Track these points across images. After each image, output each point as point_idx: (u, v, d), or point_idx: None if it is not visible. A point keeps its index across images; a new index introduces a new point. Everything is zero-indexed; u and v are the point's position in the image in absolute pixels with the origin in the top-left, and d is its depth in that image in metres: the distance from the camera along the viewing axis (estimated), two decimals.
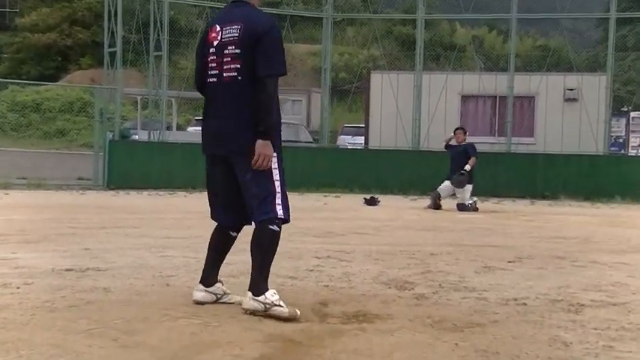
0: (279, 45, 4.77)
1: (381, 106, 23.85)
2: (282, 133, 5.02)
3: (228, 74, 4.77)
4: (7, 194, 16.10)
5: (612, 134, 25.15)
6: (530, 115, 23.55)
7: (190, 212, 12.44)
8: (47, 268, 6.27)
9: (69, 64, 51.09)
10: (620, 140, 30.03)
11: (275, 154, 4.78)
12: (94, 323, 4.31)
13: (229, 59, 4.76)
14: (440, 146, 17.61)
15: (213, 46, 4.86)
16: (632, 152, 28.70)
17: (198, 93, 5.18)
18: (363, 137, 25.68)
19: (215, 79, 4.86)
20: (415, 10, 24.26)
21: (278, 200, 4.80)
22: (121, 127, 21.98)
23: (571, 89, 23.25)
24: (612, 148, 25.31)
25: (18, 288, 5.37)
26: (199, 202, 15.39)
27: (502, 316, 4.96)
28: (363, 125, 26.06)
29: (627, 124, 32.09)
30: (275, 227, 4.74)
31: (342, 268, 6.85)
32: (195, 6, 30.32)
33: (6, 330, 4.17)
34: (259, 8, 5.05)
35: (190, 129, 32.42)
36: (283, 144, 5.08)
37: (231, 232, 5.11)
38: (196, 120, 35.07)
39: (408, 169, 20.31)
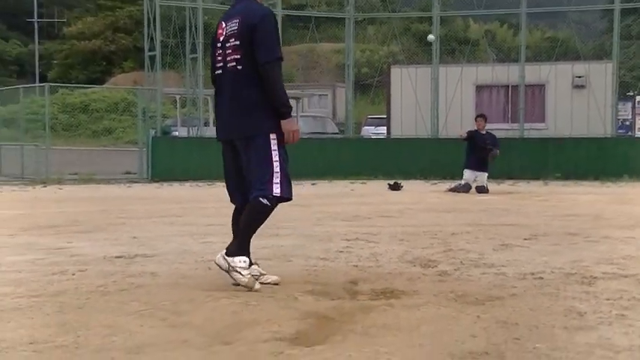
0: (271, 32, 4.83)
1: (401, 98, 23.80)
2: (310, 125, 5.03)
3: (231, 65, 4.90)
4: (60, 189, 16.28)
5: (619, 118, 24.90)
6: (541, 102, 23.40)
7: (227, 201, 12.47)
8: (99, 256, 6.33)
9: (113, 67, 51.65)
10: (627, 123, 29.71)
11: (275, 137, 4.85)
12: (144, 305, 4.35)
13: (230, 51, 4.89)
14: (457, 133, 17.52)
15: (219, 41, 5.01)
16: (638, 134, 28.51)
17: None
18: (385, 127, 25.65)
19: (221, 71, 5.02)
20: (431, 8, 24.15)
21: (276, 180, 4.83)
22: (162, 125, 22.15)
23: (579, 77, 23.09)
24: (619, 131, 25.05)
25: (73, 274, 5.43)
26: None
27: (520, 289, 4.94)
28: (385, 116, 26.02)
29: (633, 108, 31.81)
30: (265, 201, 4.79)
31: (370, 249, 6.85)
32: (221, 10, 30.47)
33: (63, 313, 4.21)
34: (259, 1, 5.11)
35: None
36: (312, 135, 5.13)
37: None
38: None
39: (428, 155, 20.26)
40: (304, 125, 29.28)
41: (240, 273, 4.70)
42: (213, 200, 13.06)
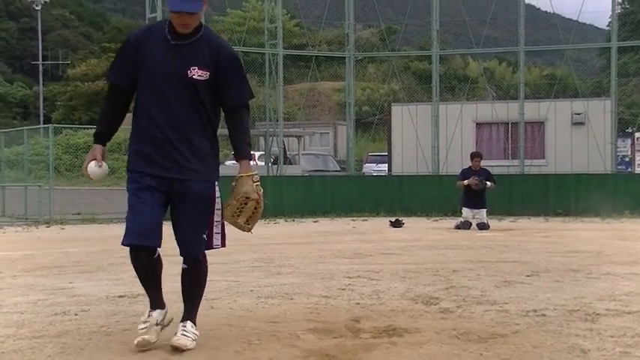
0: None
1: (402, 136, 23.89)
2: (312, 162, 4.99)
3: None
4: (63, 229, 16.26)
5: (618, 154, 24.96)
6: (541, 138, 23.47)
7: (230, 239, 12.46)
8: (102, 296, 6.31)
9: None
10: (627, 159, 29.79)
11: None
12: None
13: None
14: (456, 171, 17.55)
15: None
16: (638, 170, 28.56)
17: None
18: (386, 164, 25.72)
19: None
20: (430, 47, 24.30)
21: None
22: None
23: (578, 114, 23.22)
24: (619, 167, 25.09)
25: (76, 315, 5.41)
26: (236, 230, 15.46)
27: (522, 326, 4.92)
28: (386, 153, 26.10)
29: (632, 144, 31.95)
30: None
31: (372, 287, 6.82)
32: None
33: (65, 354, 4.20)
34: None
35: (228, 162, 32.66)
36: (315, 173, 5.03)
37: None
38: (233, 155, 35.37)
39: (429, 192, 20.24)
40: (306, 163, 29.42)
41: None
42: None
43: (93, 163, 4.44)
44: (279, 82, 22.33)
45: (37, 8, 57.45)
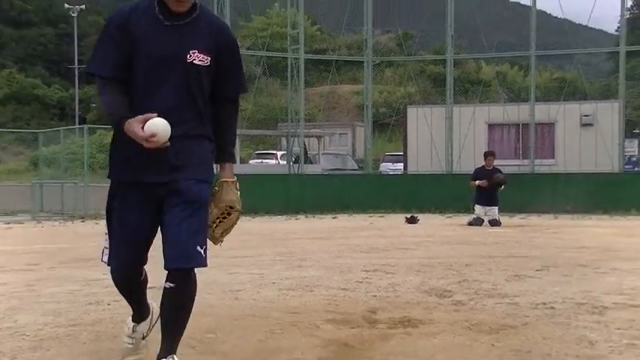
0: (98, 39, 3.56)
1: (417, 136, 23.84)
2: (331, 161, 4.67)
3: None
4: (97, 224, 16.33)
5: (626, 154, 24.78)
6: (551, 139, 23.34)
7: (253, 234, 12.51)
8: None
9: None
10: (634, 159, 29.66)
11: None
12: None
13: None
14: (469, 170, 17.50)
15: None
16: None
17: (256, 131, 4.52)
18: (402, 164, 25.67)
19: None
20: (445, 52, 24.25)
21: (105, 244, 3.68)
22: None
23: (586, 115, 23.04)
24: (626, 167, 24.92)
25: (109, 304, 5.44)
26: (261, 225, 15.49)
27: (532, 318, 4.90)
28: (402, 153, 26.04)
29: (639, 145, 31.77)
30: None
31: (388, 280, 6.82)
32: (253, 55, 30.74)
33: (99, 341, 4.23)
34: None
35: (252, 162, 32.72)
36: (334, 171, 4.75)
37: None
38: (257, 154, 35.40)
39: (443, 190, 20.19)
40: (325, 162, 29.44)
41: None
42: (239, 233, 13.08)
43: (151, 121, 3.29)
44: (301, 85, 22.34)
45: (73, 15, 57.79)
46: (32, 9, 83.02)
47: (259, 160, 33.05)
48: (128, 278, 3.74)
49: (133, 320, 3.79)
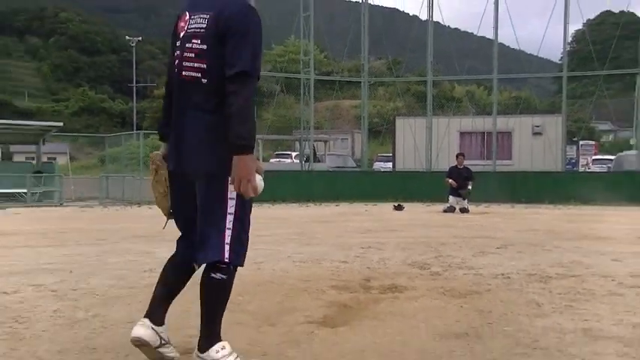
0: (255, 36, 2.60)
1: (403, 141, 23.83)
2: (335, 160, 4.47)
3: (189, 74, 2.68)
4: (150, 208, 16.28)
5: (567, 157, 24.78)
6: (509, 144, 23.33)
7: (272, 218, 12.55)
8: None
9: None
10: (573, 161, 29.63)
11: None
12: None
13: (193, 55, 2.67)
14: (445, 168, 17.48)
15: (179, 38, 2.75)
16: (581, 169, 28.39)
17: (275, 136, 3.83)
18: (391, 163, 25.65)
19: (177, 77, 2.76)
20: (426, 74, 24.22)
21: (227, 239, 2.66)
22: None
23: (537, 126, 23.15)
24: (567, 167, 24.88)
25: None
26: (278, 211, 15.51)
27: (493, 286, 4.90)
28: (391, 154, 26.03)
29: (577, 150, 31.71)
30: (219, 275, 2.67)
31: (379, 255, 6.83)
32: (273, 76, 30.75)
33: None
34: None
35: (272, 160, 32.72)
36: (337, 169, 4.59)
37: (189, 268, 2.96)
38: (276, 154, 35.40)
39: (424, 184, 20.13)
40: (330, 161, 29.43)
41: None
42: (261, 217, 13.13)
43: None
44: (311, 100, 22.31)
45: (132, 45, 57.94)
46: (100, 40, 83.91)
47: (278, 159, 33.09)
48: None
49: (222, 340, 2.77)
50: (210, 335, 2.71)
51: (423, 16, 23.74)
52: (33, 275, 5.41)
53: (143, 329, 2.81)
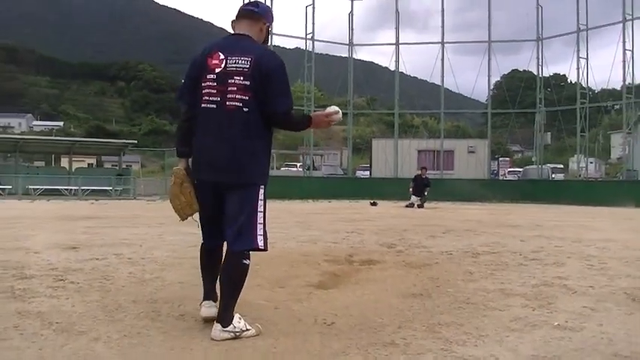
0: (288, 83, 2.55)
1: (377, 156, 23.86)
2: (328, 170, 4.51)
3: (233, 103, 2.45)
4: None
5: (491, 169, 24.88)
6: (451, 160, 23.41)
7: (281, 211, 12.50)
8: None
9: None
10: (495, 171, 29.71)
11: (263, 189, 2.55)
12: None
13: (235, 89, 2.45)
14: (407, 176, 17.51)
15: (213, 73, 2.48)
16: (501, 177, 28.48)
17: (285, 150, 3.83)
18: (369, 171, 25.68)
19: (214, 106, 2.47)
20: (394, 108, 24.26)
21: (260, 231, 2.53)
22: None
23: (471, 146, 23.29)
24: (491, 176, 24.96)
25: None
26: (286, 206, 15.48)
27: (440, 260, 4.87)
28: (369, 165, 26.06)
29: (498, 164, 31.93)
30: (247, 261, 2.53)
31: (359, 237, 6.79)
32: None
33: (196, 268, 4.20)
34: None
35: (282, 169, 32.64)
36: (330, 175, 4.64)
37: (219, 250, 2.73)
38: (285, 164, 35.28)
39: (392, 187, 20.16)
40: (325, 169, 29.41)
41: (248, 330, 2.49)
42: (273, 210, 13.06)
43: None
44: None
45: None
46: (164, 83, 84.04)
47: (286, 168, 33.00)
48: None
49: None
50: (231, 309, 2.48)
51: (392, 67, 23.83)
52: (115, 247, 5.39)
53: (212, 309, 2.64)
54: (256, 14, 2.59)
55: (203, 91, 2.50)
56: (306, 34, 23.09)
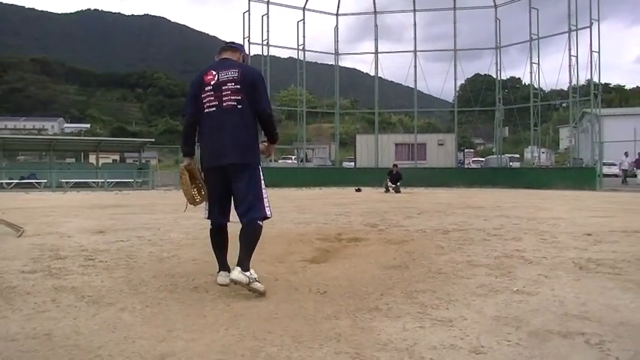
0: (266, 89, 2.81)
1: (361, 149, 23.78)
2: (319, 161, 4.54)
3: (229, 103, 2.69)
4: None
5: (458, 159, 24.96)
6: (424, 151, 23.39)
7: (279, 197, 12.49)
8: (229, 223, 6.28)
9: None
10: (461, 161, 29.83)
11: (261, 169, 2.80)
12: None
13: (229, 92, 2.69)
14: (386, 166, 17.51)
15: (210, 85, 2.73)
16: (466, 166, 28.56)
17: (281, 145, 4.00)
18: (354, 162, 25.64)
19: (214, 108, 2.72)
20: (374, 108, 24.18)
21: (267, 203, 2.81)
22: None
23: (440, 140, 23.25)
24: (458, 165, 25.06)
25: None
26: (283, 192, 15.43)
27: (415, 237, 4.88)
28: (353, 157, 26.02)
29: (463, 155, 31.97)
30: (261, 223, 2.78)
31: (347, 219, 6.79)
32: (280, 108, 30.39)
33: (208, 247, 4.15)
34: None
35: (280, 161, 32.51)
36: (321, 166, 4.63)
37: (225, 229, 3.00)
38: (282, 157, 35.11)
39: (373, 175, 20.12)
40: (316, 161, 29.32)
41: (258, 282, 2.65)
42: (279, 196, 12.98)
43: None
44: (304, 124, 22.26)
45: None
46: (177, 89, 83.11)
47: (283, 160, 32.87)
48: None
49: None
50: (248, 258, 2.66)
51: (372, 73, 23.70)
52: (137, 230, 5.35)
53: (227, 278, 2.81)
54: (235, 46, 2.91)
55: (204, 100, 2.74)
56: (297, 46, 22.87)
